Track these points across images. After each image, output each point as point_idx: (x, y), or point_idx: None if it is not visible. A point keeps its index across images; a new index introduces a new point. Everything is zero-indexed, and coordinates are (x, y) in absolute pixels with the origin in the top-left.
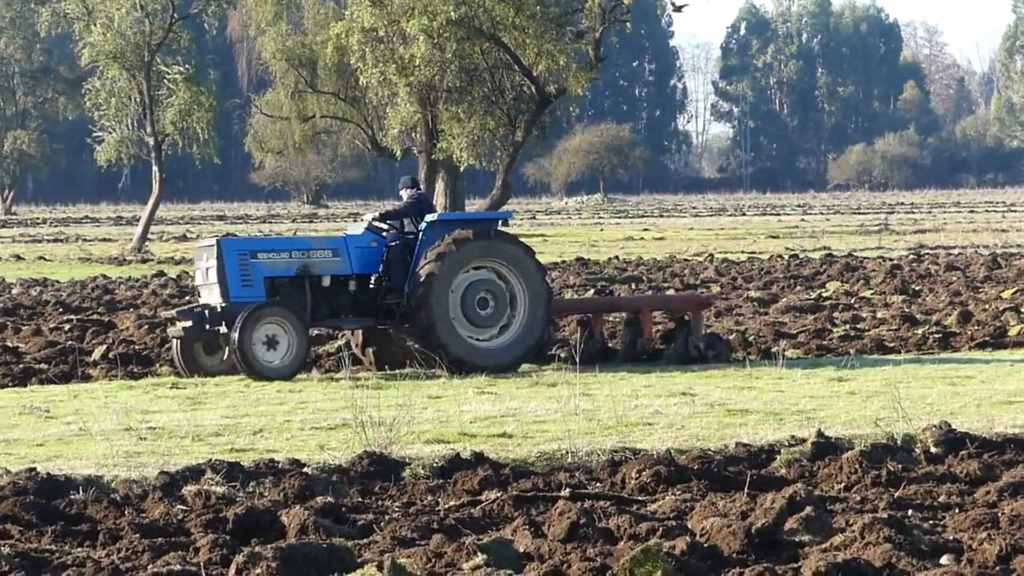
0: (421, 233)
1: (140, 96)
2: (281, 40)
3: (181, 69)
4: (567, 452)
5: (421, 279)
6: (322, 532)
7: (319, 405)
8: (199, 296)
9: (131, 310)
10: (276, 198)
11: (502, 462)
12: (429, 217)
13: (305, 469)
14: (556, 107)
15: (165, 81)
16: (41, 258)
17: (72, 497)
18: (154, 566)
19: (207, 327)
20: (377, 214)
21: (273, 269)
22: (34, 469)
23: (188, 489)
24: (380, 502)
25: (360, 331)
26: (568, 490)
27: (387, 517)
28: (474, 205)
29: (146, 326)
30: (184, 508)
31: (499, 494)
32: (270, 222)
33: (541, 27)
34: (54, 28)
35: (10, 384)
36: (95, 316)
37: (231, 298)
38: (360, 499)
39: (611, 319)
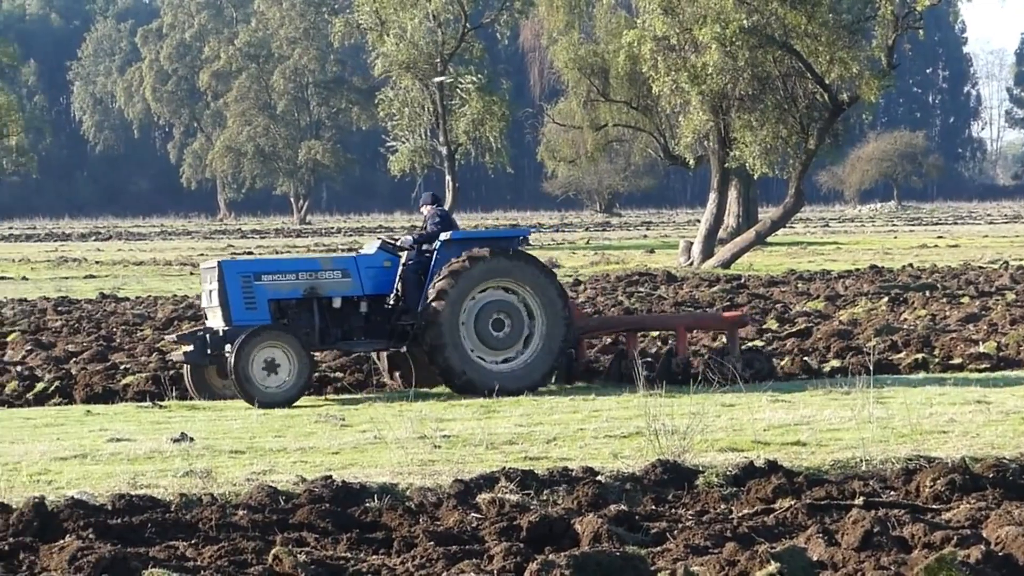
0: (436, 252)
1: (433, 106)
2: (573, 49)
3: (474, 79)
4: (861, 460)
5: (432, 296)
6: (615, 540)
7: (612, 413)
8: (206, 319)
9: None
10: (569, 207)
11: (796, 470)
12: (443, 235)
13: (599, 477)
14: (849, 114)
15: (458, 91)
16: None
17: (367, 505)
18: (448, 574)
19: (208, 351)
20: (411, 238)
21: (278, 291)
22: (330, 477)
23: (482, 497)
24: (673, 510)
25: None
26: (862, 498)
27: (680, 525)
28: (767, 213)
29: None
30: (478, 516)
31: (792, 502)
32: (563, 231)
33: (833, 34)
34: (347, 39)
35: (306, 393)
36: None
37: (234, 321)
38: (653, 507)
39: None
